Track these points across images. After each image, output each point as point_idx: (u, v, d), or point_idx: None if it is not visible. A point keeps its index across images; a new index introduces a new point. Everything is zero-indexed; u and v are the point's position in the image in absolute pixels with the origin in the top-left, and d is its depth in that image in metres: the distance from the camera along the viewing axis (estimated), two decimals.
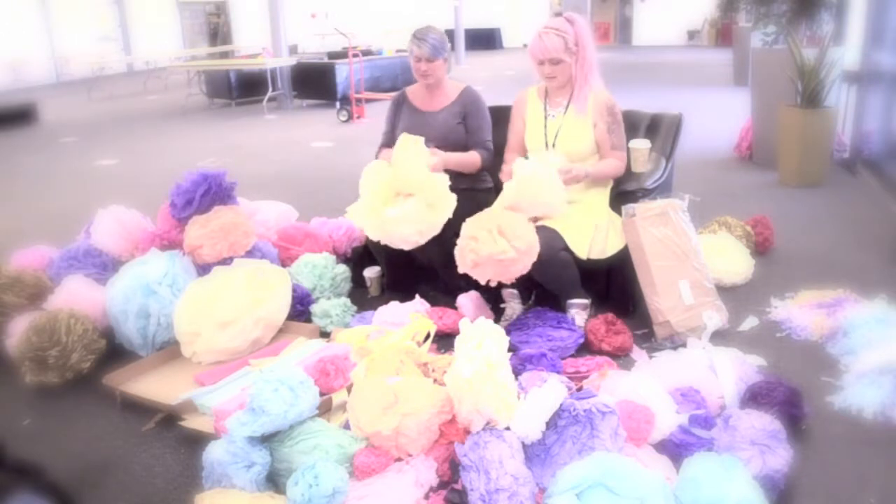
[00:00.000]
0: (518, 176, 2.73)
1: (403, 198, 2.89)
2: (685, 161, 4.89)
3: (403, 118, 3.21)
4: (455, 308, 2.98)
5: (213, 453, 1.96)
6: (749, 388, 2.23)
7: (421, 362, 2.40)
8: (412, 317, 2.70)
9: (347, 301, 3.08)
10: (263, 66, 10.12)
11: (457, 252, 2.67)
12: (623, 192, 2.91)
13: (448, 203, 2.85)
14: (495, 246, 2.53)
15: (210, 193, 3.15)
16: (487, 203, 2.96)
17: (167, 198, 3.29)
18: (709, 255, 3.03)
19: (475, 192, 3.12)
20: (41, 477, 1.59)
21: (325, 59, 11.17)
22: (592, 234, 2.74)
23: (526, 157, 3.01)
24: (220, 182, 3.19)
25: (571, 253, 2.70)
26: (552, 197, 2.72)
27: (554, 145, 2.86)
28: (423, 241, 2.85)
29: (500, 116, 3.16)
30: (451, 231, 2.91)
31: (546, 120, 2.90)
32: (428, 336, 2.60)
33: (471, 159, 3.09)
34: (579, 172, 2.76)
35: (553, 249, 2.64)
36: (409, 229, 2.83)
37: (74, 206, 5.17)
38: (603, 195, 2.90)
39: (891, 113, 5.19)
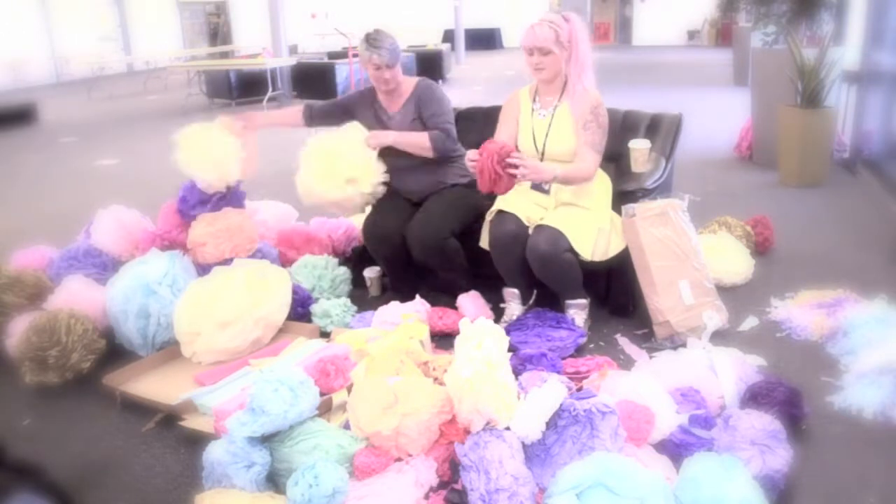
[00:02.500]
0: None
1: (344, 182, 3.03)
2: (685, 161, 4.90)
3: (367, 116, 3.16)
4: (455, 308, 2.98)
5: (213, 453, 1.96)
6: (749, 388, 2.23)
7: (421, 362, 2.40)
8: (404, 317, 2.70)
9: (347, 301, 3.08)
10: (263, 66, 10.13)
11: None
12: (623, 192, 2.90)
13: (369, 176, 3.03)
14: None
15: (225, 198, 3.19)
16: (478, 199, 2.95)
17: (168, 197, 3.29)
18: (709, 255, 3.03)
19: (465, 186, 3.10)
20: (41, 477, 1.59)
21: (325, 59, 11.17)
22: (596, 236, 2.73)
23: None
24: (235, 189, 3.24)
25: (575, 254, 2.69)
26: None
27: (544, 145, 2.82)
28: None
29: (499, 116, 3.14)
30: (445, 232, 2.91)
31: (534, 118, 2.85)
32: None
33: (419, 140, 2.99)
34: (546, 172, 2.62)
35: (558, 249, 2.63)
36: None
37: (74, 206, 5.17)
38: (605, 198, 2.88)
39: (891, 113, 5.19)
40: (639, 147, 2.99)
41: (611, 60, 15.57)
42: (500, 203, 2.83)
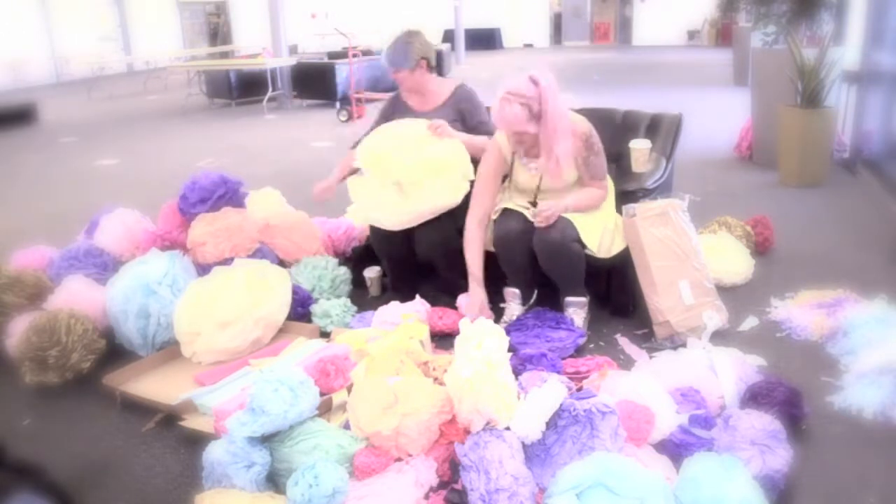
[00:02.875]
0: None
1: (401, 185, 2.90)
2: (685, 161, 4.89)
3: (397, 119, 3.20)
4: (455, 308, 2.98)
5: (213, 453, 1.96)
6: (749, 388, 2.23)
7: (421, 362, 2.40)
8: (404, 317, 2.70)
9: (347, 301, 3.08)
10: (263, 66, 10.12)
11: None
12: (623, 192, 2.91)
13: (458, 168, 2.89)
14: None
15: (225, 198, 3.21)
16: None
17: (168, 197, 3.29)
18: (709, 255, 3.03)
19: None
20: (41, 477, 1.59)
21: (325, 59, 11.17)
22: (602, 232, 2.74)
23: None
24: (236, 189, 3.27)
25: (583, 246, 2.68)
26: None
27: (538, 188, 2.76)
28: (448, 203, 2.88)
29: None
30: (451, 230, 2.92)
31: (525, 171, 2.79)
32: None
33: (482, 144, 2.97)
34: (557, 208, 2.63)
35: (567, 238, 2.63)
36: (425, 206, 2.86)
37: (74, 206, 5.18)
38: (609, 199, 2.89)
39: (891, 113, 5.19)
40: (639, 147, 2.99)
41: (611, 60, 15.58)
42: (506, 202, 2.83)
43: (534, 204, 2.76)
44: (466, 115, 3.09)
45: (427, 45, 3.06)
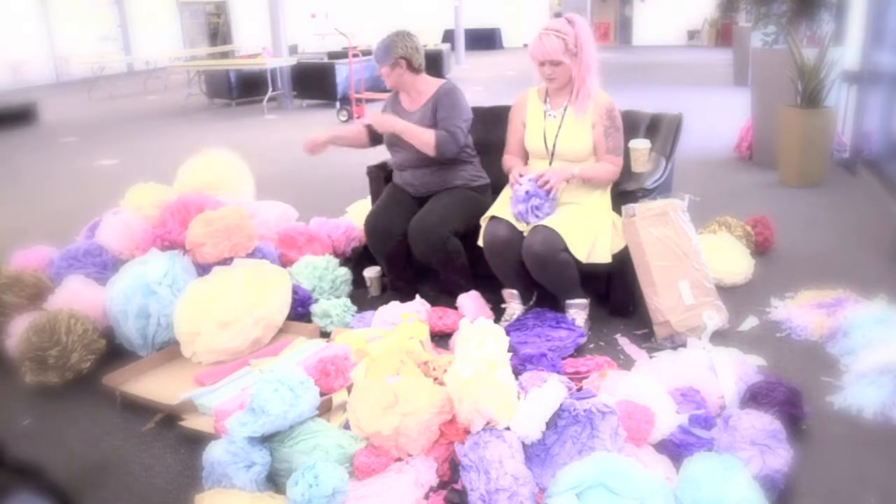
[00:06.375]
0: None
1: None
2: (685, 161, 4.90)
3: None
4: (455, 308, 2.98)
5: (213, 453, 1.96)
6: (749, 388, 2.23)
7: (421, 362, 2.40)
8: (404, 317, 2.70)
9: (348, 301, 3.08)
10: (263, 66, 10.12)
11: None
12: (623, 192, 2.90)
13: None
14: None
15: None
16: (484, 201, 2.96)
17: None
18: (709, 255, 3.03)
19: (472, 189, 3.11)
20: (41, 477, 1.59)
21: (325, 59, 11.17)
22: (594, 237, 2.73)
23: (526, 159, 3.00)
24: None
25: (571, 254, 2.69)
26: None
27: (554, 146, 2.86)
28: None
29: (500, 116, 3.15)
30: (447, 231, 2.91)
31: (545, 121, 2.90)
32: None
33: (423, 135, 2.95)
34: (564, 174, 2.74)
35: (553, 250, 2.64)
36: None
37: (74, 206, 5.18)
38: (605, 198, 2.89)
39: (891, 113, 5.19)
40: (639, 147, 2.99)
41: (611, 60, 15.57)
42: (495, 208, 2.84)
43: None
44: (440, 107, 3.01)
45: (411, 47, 3.03)
